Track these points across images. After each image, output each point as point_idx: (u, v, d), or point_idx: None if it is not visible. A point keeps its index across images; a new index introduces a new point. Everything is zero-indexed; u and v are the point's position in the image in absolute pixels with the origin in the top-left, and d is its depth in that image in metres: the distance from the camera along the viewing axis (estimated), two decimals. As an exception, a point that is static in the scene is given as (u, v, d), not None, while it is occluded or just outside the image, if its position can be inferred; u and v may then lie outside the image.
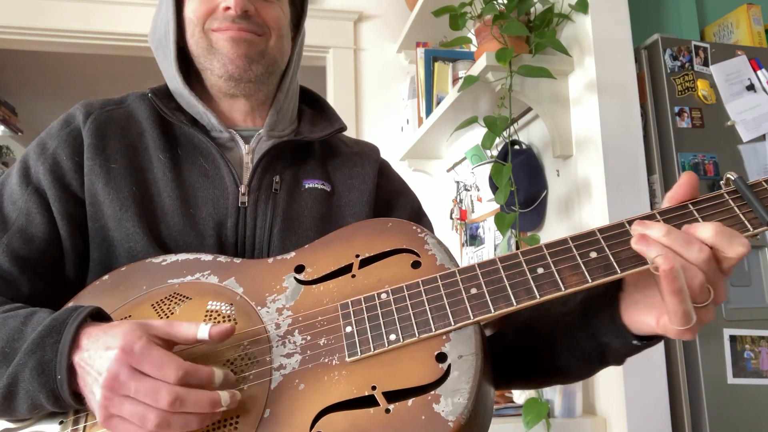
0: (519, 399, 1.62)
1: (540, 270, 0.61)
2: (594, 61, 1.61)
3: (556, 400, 1.55)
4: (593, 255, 0.61)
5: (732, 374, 1.59)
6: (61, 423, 0.63)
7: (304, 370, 0.61)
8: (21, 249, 0.74)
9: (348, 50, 2.60)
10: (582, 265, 0.60)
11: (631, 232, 0.59)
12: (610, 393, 1.53)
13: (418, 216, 0.93)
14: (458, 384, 0.57)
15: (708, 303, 0.57)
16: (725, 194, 0.61)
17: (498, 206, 1.83)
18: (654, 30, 2.03)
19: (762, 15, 2.16)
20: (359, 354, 0.61)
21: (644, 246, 0.57)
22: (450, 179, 2.42)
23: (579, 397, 1.55)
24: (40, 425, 0.63)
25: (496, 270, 0.63)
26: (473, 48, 2.06)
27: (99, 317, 0.63)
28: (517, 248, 0.61)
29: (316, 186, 0.86)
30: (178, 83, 0.84)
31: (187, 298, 0.68)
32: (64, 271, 0.76)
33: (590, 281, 0.60)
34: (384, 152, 0.99)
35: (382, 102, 2.60)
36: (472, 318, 0.61)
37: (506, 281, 0.62)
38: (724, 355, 1.60)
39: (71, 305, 0.66)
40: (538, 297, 0.60)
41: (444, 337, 0.60)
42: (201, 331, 0.60)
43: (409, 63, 2.62)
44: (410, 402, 0.57)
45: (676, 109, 1.73)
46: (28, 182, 0.77)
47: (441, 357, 0.59)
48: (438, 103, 2.10)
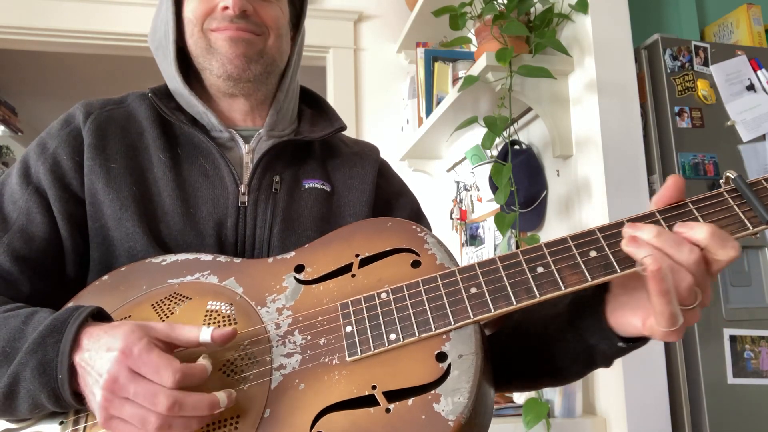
0: (519, 399, 1.62)
1: (540, 269, 0.61)
2: (594, 61, 1.61)
3: (556, 400, 1.55)
4: (593, 254, 0.61)
5: (732, 374, 1.59)
6: (62, 423, 0.63)
7: (305, 370, 0.61)
8: (21, 249, 0.74)
9: (348, 50, 2.60)
10: (582, 264, 0.60)
11: (623, 234, 0.59)
12: (610, 393, 1.53)
13: (417, 217, 0.93)
14: (458, 383, 0.57)
15: (695, 305, 0.57)
16: (725, 193, 0.61)
17: (498, 206, 1.83)
18: (654, 30, 2.03)
19: (762, 15, 2.15)
20: (359, 354, 0.61)
21: (633, 247, 0.58)
22: (450, 179, 2.42)
23: (579, 397, 1.55)
24: (41, 425, 0.63)
25: (496, 269, 0.63)
26: (473, 48, 2.06)
27: (100, 317, 0.63)
28: (517, 248, 0.61)
29: (316, 186, 0.86)
30: (178, 83, 0.84)
31: (187, 298, 0.68)
32: (65, 271, 0.77)
33: (590, 280, 0.60)
34: (384, 152, 0.99)
35: (382, 102, 2.60)
36: (472, 317, 0.61)
37: (506, 280, 0.62)
38: (724, 355, 1.60)
39: (72, 305, 0.66)
40: (538, 296, 0.60)
41: (444, 337, 0.60)
42: (203, 334, 0.60)
43: (409, 63, 2.61)
44: (410, 401, 0.57)
45: (676, 109, 1.73)
46: (29, 182, 0.77)
47: (441, 356, 0.59)
48: (438, 103, 2.10)
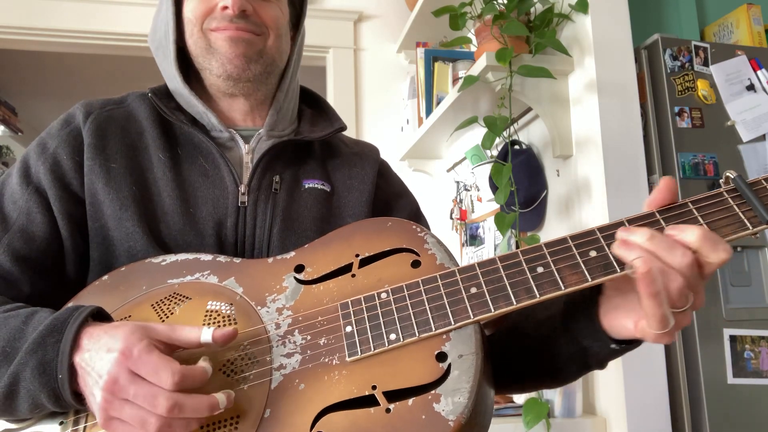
0: (519, 399, 1.62)
1: (540, 269, 0.61)
2: (594, 61, 1.61)
3: (556, 400, 1.55)
4: (593, 254, 0.61)
5: (732, 374, 1.59)
6: (62, 423, 0.63)
7: (305, 370, 0.61)
8: (22, 248, 0.74)
9: (348, 50, 2.60)
10: (582, 264, 0.60)
11: (616, 237, 0.59)
12: (610, 393, 1.53)
13: (417, 218, 0.93)
14: (458, 383, 0.57)
15: (687, 308, 0.57)
16: (724, 193, 0.61)
17: (498, 206, 1.83)
18: (654, 30, 2.03)
19: (762, 15, 2.15)
20: (359, 354, 0.61)
21: (624, 250, 0.58)
22: (450, 179, 2.42)
23: (579, 397, 1.55)
24: (41, 425, 0.63)
25: (496, 269, 0.63)
26: (473, 48, 2.06)
27: (100, 317, 0.63)
28: (517, 248, 0.61)
29: (316, 186, 0.86)
30: (178, 83, 0.84)
31: (187, 298, 0.68)
32: (65, 271, 0.77)
33: (590, 280, 0.60)
34: (384, 152, 0.99)
35: (382, 102, 2.60)
36: (472, 317, 0.61)
37: (506, 280, 0.62)
38: (724, 355, 1.60)
39: (72, 305, 0.66)
40: (538, 296, 0.60)
41: (444, 337, 0.60)
42: (204, 335, 0.60)
43: (409, 63, 2.61)
44: (410, 401, 0.57)
45: (676, 109, 1.73)
46: (29, 182, 0.77)
47: (441, 356, 0.59)
48: (438, 103, 2.10)
